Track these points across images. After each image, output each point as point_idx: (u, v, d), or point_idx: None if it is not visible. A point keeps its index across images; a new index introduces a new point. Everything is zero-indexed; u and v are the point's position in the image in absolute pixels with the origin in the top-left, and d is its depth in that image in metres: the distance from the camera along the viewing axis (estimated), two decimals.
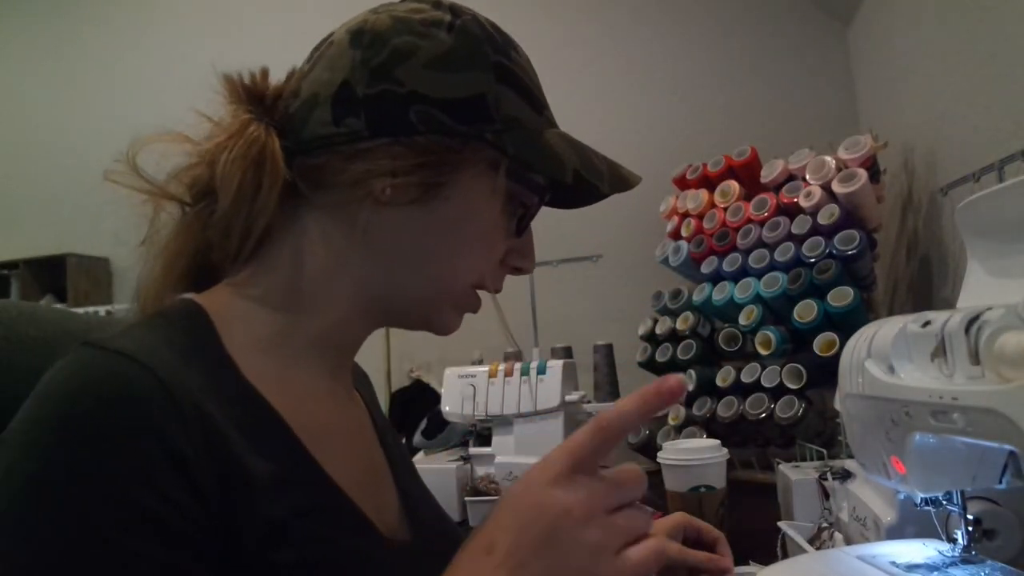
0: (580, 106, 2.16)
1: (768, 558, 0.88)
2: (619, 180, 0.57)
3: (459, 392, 1.48)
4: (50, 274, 2.80)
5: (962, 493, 0.63)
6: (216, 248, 0.54)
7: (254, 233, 0.53)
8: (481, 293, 0.59)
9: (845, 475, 0.92)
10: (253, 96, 0.54)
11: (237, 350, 0.50)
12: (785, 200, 1.61)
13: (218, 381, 0.47)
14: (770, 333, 1.54)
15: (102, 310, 2.36)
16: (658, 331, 1.76)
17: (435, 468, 1.43)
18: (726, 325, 1.66)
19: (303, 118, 0.53)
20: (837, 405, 0.78)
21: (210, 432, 0.43)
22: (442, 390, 1.53)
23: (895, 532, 0.74)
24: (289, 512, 0.45)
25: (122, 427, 0.40)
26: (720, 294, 1.65)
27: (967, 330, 0.52)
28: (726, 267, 1.67)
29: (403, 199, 0.52)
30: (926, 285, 1.72)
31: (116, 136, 0.50)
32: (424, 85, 0.51)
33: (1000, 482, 0.60)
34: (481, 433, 1.49)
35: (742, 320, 1.59)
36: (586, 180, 0.54)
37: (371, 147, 0.51)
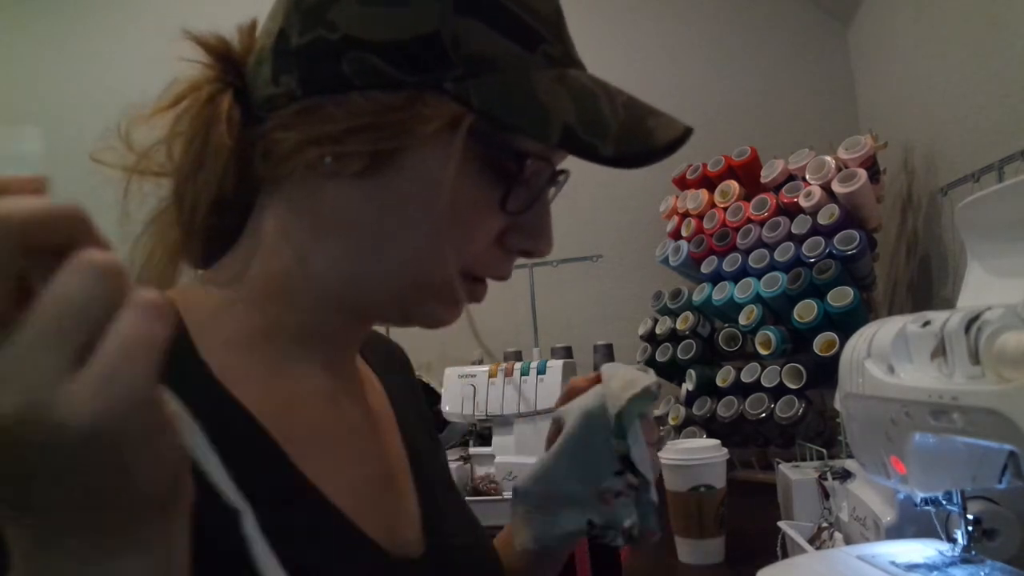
0: None
1: (768, 558, 0.88)
2: (638, 137, 0.43)
3: (459, 392, 1.48)
4: None
5: (962, 493, 0.63)
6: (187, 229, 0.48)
7: (200, 209, 0.46)
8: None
9: (845, 475, 0.92)
10: (218, 54, 0.47)
11: (212, 350, 0.44)
12: (785, 200, 1.61)
13: (181, 386, 0.40)
14: (770, 333, 1.53)
15: None
16: (658, 331, 1.76)
17: None
18: (726, 325, 1.66)
19: (254, 77, 0.45)
20: (837, 405, 0.78)
21: None
22: (442, 390, 1.53)
23: (895, 532, 0.73)
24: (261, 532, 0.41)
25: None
26: (720, 294, 1.65)
27: (967, 330, 0.51)
28: (726, 267, 1.67)
29: (349, 171, 0.43)
30: (926, 285, 1.72)
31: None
32: (359, 27, 0.41)
33: (1000, 482, 0.59)
34: (481, 433, 1.50)
35: (742, 320, 1.59)
36: (582, 140, 0.41)
37: (303, 109, 0.42)
